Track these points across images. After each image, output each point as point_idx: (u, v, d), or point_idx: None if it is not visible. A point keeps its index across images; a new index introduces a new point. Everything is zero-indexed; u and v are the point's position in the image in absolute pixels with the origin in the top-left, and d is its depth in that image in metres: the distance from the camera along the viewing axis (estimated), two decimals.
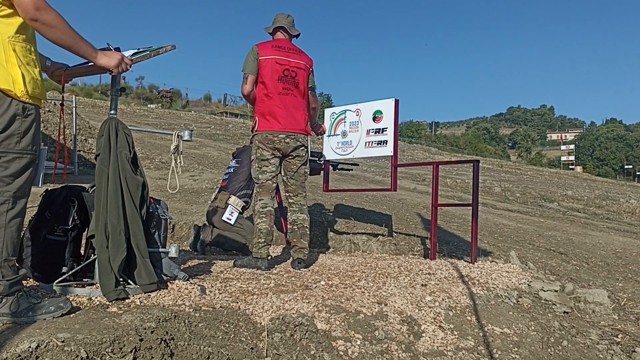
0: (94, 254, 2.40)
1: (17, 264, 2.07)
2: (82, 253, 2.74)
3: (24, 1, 1.84)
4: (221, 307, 2.38)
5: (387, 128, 4.11)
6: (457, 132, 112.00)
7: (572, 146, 72.24)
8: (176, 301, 2.36)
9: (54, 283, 2.39)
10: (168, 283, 2.61)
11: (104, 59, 2.19)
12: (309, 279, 3.20)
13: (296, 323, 2.30)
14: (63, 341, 1.69)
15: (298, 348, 2.20)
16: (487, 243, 5.59)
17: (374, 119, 4.21)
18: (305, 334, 2.27)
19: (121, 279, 2.35)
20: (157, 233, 2.58)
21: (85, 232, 2.67)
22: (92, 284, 2.46)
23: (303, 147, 3.70)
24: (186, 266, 3.40)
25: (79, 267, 2.52)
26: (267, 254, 3.55)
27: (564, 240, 6.88)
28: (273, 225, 3.63)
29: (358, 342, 2.35)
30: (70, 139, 8.71)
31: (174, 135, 2.69)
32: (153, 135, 13.52)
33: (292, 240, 3.68)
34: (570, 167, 54.06)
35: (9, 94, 1.91)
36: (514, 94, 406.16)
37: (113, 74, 2.33)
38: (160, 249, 2.58)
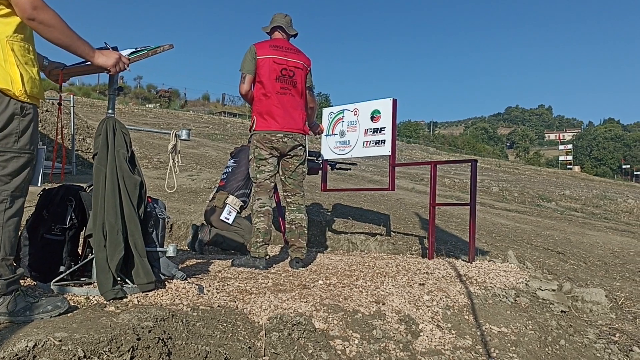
0: (92, 253, 2.40)
1: (15, 263, 2.07)
2: (80, 252, 2.74)
3: (22, 0, 1.84)
4: (219, 307, 2.38)
5: (385, 128, 4.11)
6: (455, 132, 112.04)
7: (570, 146, 72.19)
8: (174, 300, 2.36)
9: (52, 282, 2.39)
10: (166, 282, 2.61)
11: (102, 58, 2.19)
12: (307, 278, 3.20)
13: (294, 322, 2.30)
14: (60, 340, 1.69)
15: (296, 347, 2.20)
16: (485, 242, 5.59)
17: (372, 119, 4.21)
18: (303, 333, 2.28)
19: (119, 278, 2.35)
20: (155, 232, 2.58)
21: (82, 232, 2.67)
22: (90, 283, 2.46)
23: (301, 147, 3.70)
24: (184, 266, 3.40)
25: (77, 267, 2.52)
26: (265, 254, 3.55)
27: (562, 239, 6.88)
28: (271, 224, 3.63)
29: (356, 341, 2.36)
30: (68, 139, 8.69)
31: (172, 134, 2.69)
32: (151, 134, 13.50)
33: (290, 239, 3.68)
34: (568, 167, 54.07)
35: (7, 94, 1.91)
36: (512, 94, 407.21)
37: (110, 74, 2.33)
38: (158, 248, 2.58)
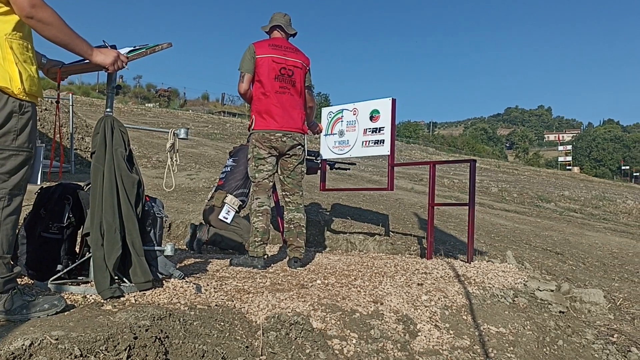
0: (89, 252, 2.40)
1: (12, 262, 2.07)
2: (77, 251, 2.73)
3: None
4: (216, 306, 2.37)
5: (384, 127, 4.11)
6: (455, 133, 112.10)
7: (570, 147, 72.20)
8: (171, 299, 2.35)
9: (49, 281, 2.38)
10: (163, 281, 2.61)
11: (100, 57, 2.19)
12: (305, 278, 3.20)
13: (292, 322, 2.30)
14: (57, 339, 1.69)
15: (293, 347, 2.20)
16: (484, 243, 5.59)
17: (371, 118, 4.20)
18: (300, 333, 2.27)
19: (116, 277, 2.35)
20: (153, 231, 2.58)
21: (80, 230, 2.66)
22: (87, 282, 2.46)
23: (300, 146, 3.69)
24: (182, 265, 3.39)
25: (74, 265, 2.52)
26: (264, 253, 3.55)
27: (561, 240, 6.88)
28: (270, 224, 3.62)
29: (354, 341, 2.35)
30: (67, 138, 8.69)
31: (170, 133, 2.69)
32: (150, 133, 13.49)
33: (289, 239, 3.68)
34: (567, 168, 54.07)
35: (6, 92, 1.90)
36: (512, 95, 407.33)
37: (109, 72, 2.33)
38: (155, 247, 2.57)
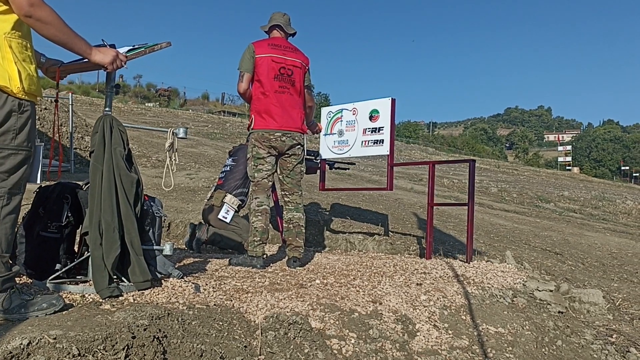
0: (88, 251, 2.39)
1: (11, 261, 2.06)
2: (76, 250, 2.73)
3: None
4: (215, 305, 2.37)
5: (384, 127, 4.11)
6: (455, 133, 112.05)
7: (569, 147, 72.20)
8: (170, 299, 2.35)
9: (48, 280, 2.38)
10: (162, 281, 2.60)
11: (99, 56, 2.19)
12: (304, 278, 3.19)
13: (290, 321, 2.30)
14: (55, 338, 1.68)
15: (292, 346, 2.20)
16: (483, 243, 5.59)
17: (371, 118, 4.20)
18: (299, 333, 2.27)
19: (115, 277, 2.34)
20: (152, 231, 2.58)
21: (79, 229, 2.66)
22: (86, 281, 2.45)
23: (299, 146, 3.69)
24: (181, 264, 3.39)
25: (73, 264, 2.51)
26: (263, 253, 3.54)
27: (560, 240, 6.89)
28: (269, 223, 3.62)
29: (352, 341, 2.35)
30: (66, 137, 8.68)
31: (169, 132, 2.69)
32: (150, 133, 13.48)
33: (288, 238, 3.68)
34: (567, 168, 54.08)
35: (5, 91, 1.90)
36: (512, 95, 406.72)
37: (107, 71, 2.32)
38: (154, 247, 2.57)
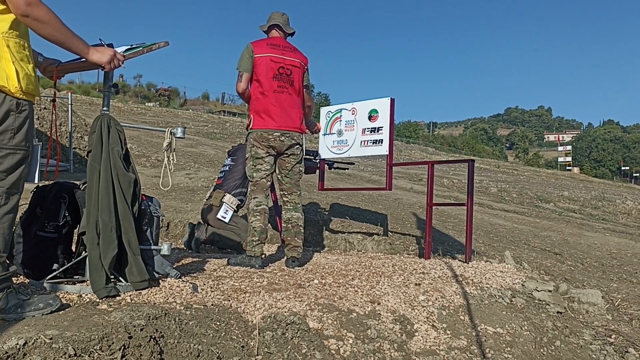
0: (85, 251, 2.39)
1: (8, 261, 2.06)
2: (73, 250, 2.73)
3: None
4: (212, 305, 2.36)
5: (383, 127, 4.10)
6: (455, 133, 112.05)
7: (569, 147, 72.15)
8: (167, 299, 2.35)
9: (45, 280, 2.38)
10: (160, 281, 2.60)
11: (96, 55, 2.18)
12: (303, 278, 3.19)
13: (288, 321, 2.29)
14: (51, 338, 1.68)
15: (289, 347, 2.19)
16: (482, 243, 5.59)
17: (370, 118, 4.19)
18: (297, 333, 2.27)
19: (112, 276, 2.34)
20: (149, 230, 2.57)
21: (76, 229, 2.66)
22: (83, 281, 2.45)
23: (298, 146, 3.68)
24: (180, 264, 3.38)
25: (70, 264, 2.51)
26: (261, 253, 3.54)
27: (560, 240, 6.88)
28: (267, 223, 3.61)
29: (350, 341, 2.35)
30: (65, 136, 8.68)
31: (167, 132, 2.68)
32: (149, 133, 13.47)
33: (287, 238, 3.67)
34: (567, 168, 54.04)
35: (3, 90, 1.90)
36: (512, 95, 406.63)
37: (105, 70, 2.32)
38: (152, 247, 2.57)
